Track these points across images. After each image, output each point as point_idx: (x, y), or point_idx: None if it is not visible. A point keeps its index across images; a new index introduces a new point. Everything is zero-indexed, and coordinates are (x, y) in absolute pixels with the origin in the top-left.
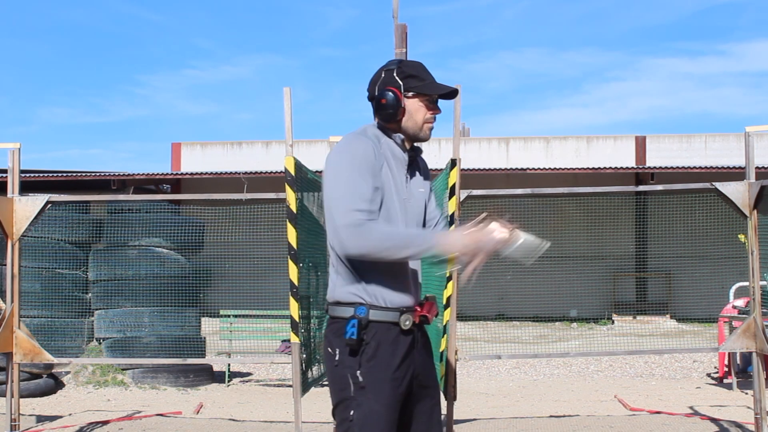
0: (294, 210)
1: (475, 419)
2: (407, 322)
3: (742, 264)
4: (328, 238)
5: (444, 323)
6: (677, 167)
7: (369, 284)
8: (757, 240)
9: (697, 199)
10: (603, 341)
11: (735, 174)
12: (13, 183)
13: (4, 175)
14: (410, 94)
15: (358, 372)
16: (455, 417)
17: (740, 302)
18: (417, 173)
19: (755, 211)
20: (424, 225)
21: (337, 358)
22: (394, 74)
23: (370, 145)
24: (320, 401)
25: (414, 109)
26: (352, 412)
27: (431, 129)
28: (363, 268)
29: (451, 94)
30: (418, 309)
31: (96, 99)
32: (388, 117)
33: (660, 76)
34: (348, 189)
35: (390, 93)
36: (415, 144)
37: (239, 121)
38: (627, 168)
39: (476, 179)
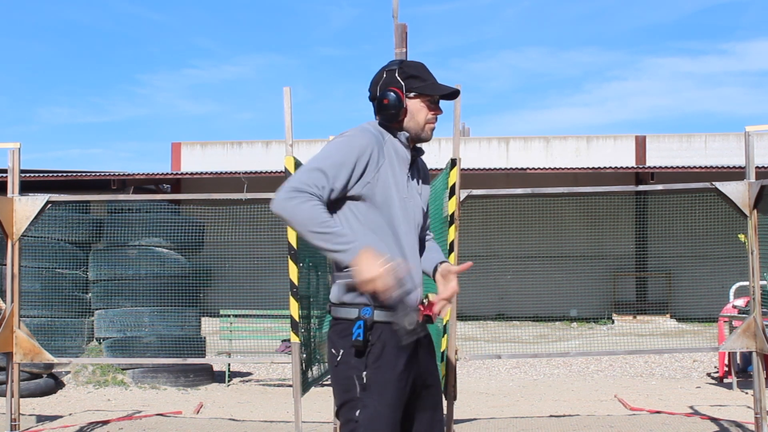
0: None
1: (475, 419)
2: (412, 323)
3: (742, 264)
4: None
5: (444, 323)
6: (677, 167)
7: None
8: (757, 240)
9: (697, 198)
10: (603, 341)
11: (735, 174)
12: (13, 183)
13: (4, 175)
14: (412, 94)
15: (364, 373)
16: (455, 417)
17: (740, 302)
18: (417, 175)
19: (755, 211)
20: (422, 229)
21: (339, 358)
22: (396, 75)
23: (373, 142)
24: (320, 401)
25: (416, 110)
26: (357, 413)
27: (433, 129)
28: None
29: (452, 94)
30: (422, 309)
31: (96, 99)
32: (390, 117)
33: (661, 76)
34: (321, 165)
35: (392, 93)
36: (417, 145)
37: (239, 121)
38: (627, 168)
39: (476, 179)
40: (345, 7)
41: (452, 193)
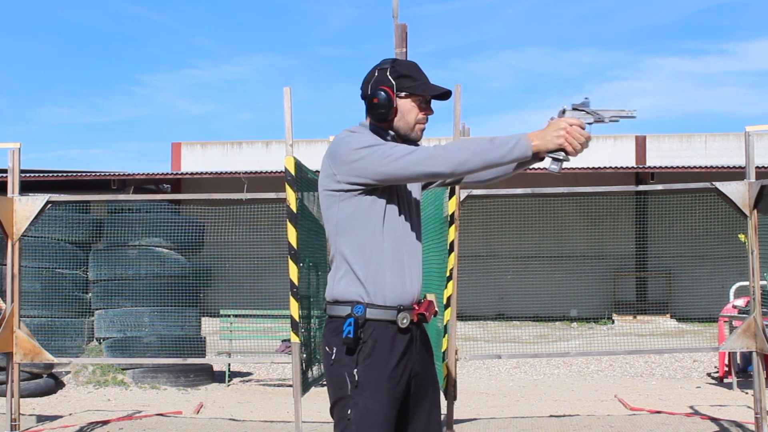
0: (294, 210)
1: (475, 419)
2: (404, 321)
3: (742, 264)
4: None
5: (444, 323)
6: (677, 167)
7: (368, 282)
8: (757, 239)
9: (697, 198)
10: (603, 341)
11: (735, 174)
12: (13, 183)
13: (4, 175)
14: (403, 94)
15: (355, 370)
16: (455, 417)
17: (740, 302)
18: None
19: (755, 211)
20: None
21: (333, 356)
22: (387, 73)
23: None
24: (320, 401)
25: (406, 110)
26: (349, 411)
27: (423, 130)
28: (363, 267)
29: (444, 95)
30: (417, 307)
31: (96, 99)
32: (380, 116)
33: (661, 76)
34: (371, 145)
35: (382, 92)
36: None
37: (239, 121)
38: (627, 168)
39: None
40: (345, 7)
41: (452, 193)
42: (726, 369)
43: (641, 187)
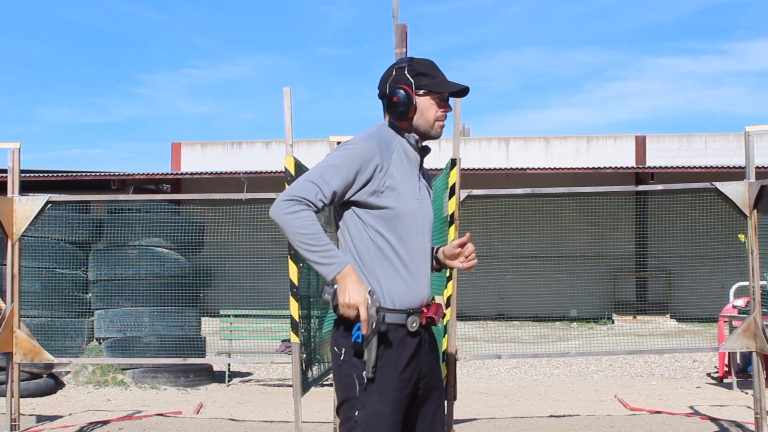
0: None
1: (475, 419)
2: (414, 324)
3: (742, 264)
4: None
5: (444, 323)
6: (677, 167)
7: (378, 285)
8: (757, 240)
9: (697, 199)
10: (603, 341)
11: (735, 174)
12: (13, 183)
13: (4, 175)
14: (421, 91)
15: (365, 373)
16: (455, 417)
17: (740, 302)
18: (424, 176)
19: (755, 211)
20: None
21: (342, 357)
22: (406, 72)
23: (376, 149)
24: (320, 401)
25: (425, 107)
26: (356, 413)
27: (442, 127)
28: (374, 269)
29: (463, 91)
30: (425, 310)
31: (96, 99)
32: (400, 115)
33: (662, 76)
34: (321, 175)
35: (401, 91)
36: (424, 143)
37: (239, 121)
38: (627, 168)
39: (476, 179)
40: (345, 7)
41: (452, 193)
42: (726, 369)
43: (641, 187)
